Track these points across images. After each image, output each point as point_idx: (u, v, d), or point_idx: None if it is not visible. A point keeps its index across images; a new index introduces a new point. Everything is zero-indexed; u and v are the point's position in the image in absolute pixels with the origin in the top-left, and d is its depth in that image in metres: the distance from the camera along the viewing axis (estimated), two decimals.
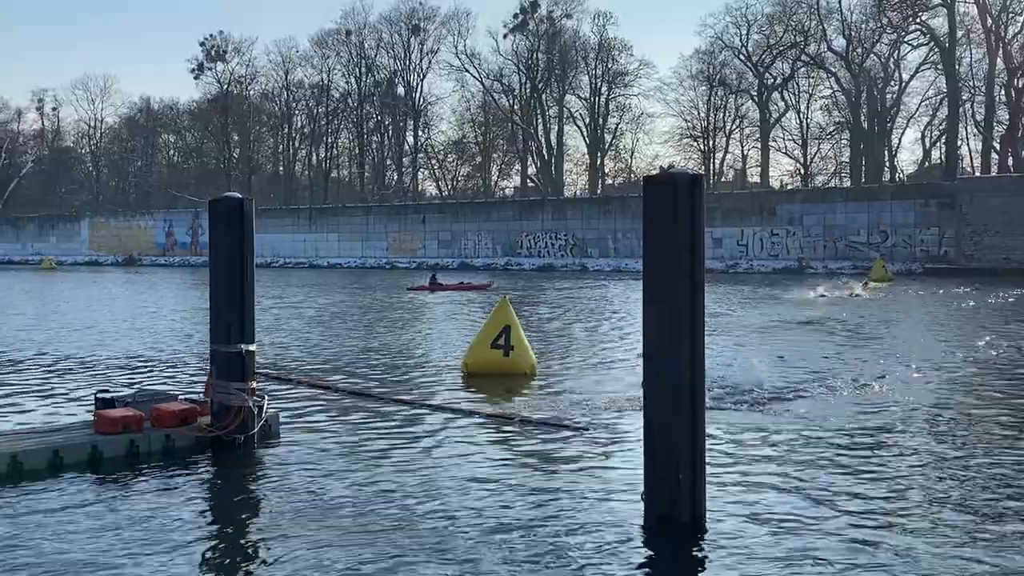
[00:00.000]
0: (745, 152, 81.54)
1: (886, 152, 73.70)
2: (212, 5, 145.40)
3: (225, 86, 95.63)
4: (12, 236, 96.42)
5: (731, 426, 10.04)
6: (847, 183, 70.87)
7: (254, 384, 9.45)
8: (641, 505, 6.76)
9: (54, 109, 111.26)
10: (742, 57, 77.83)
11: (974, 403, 11.58)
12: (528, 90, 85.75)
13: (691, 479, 6.55)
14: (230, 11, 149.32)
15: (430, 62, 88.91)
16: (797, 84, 76.92)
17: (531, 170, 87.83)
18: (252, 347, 9.48)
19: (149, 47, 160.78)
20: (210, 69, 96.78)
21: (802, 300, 29.99)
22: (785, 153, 79.44)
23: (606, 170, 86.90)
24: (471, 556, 6.17)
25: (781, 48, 75.90)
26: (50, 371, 15.14)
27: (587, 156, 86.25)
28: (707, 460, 6.77)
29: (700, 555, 6.29)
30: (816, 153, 77.98)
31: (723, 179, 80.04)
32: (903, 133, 75.81)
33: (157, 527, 6.83)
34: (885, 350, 16.52)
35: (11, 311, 28.77)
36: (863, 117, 73.11)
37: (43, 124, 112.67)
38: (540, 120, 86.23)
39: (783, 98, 77.78)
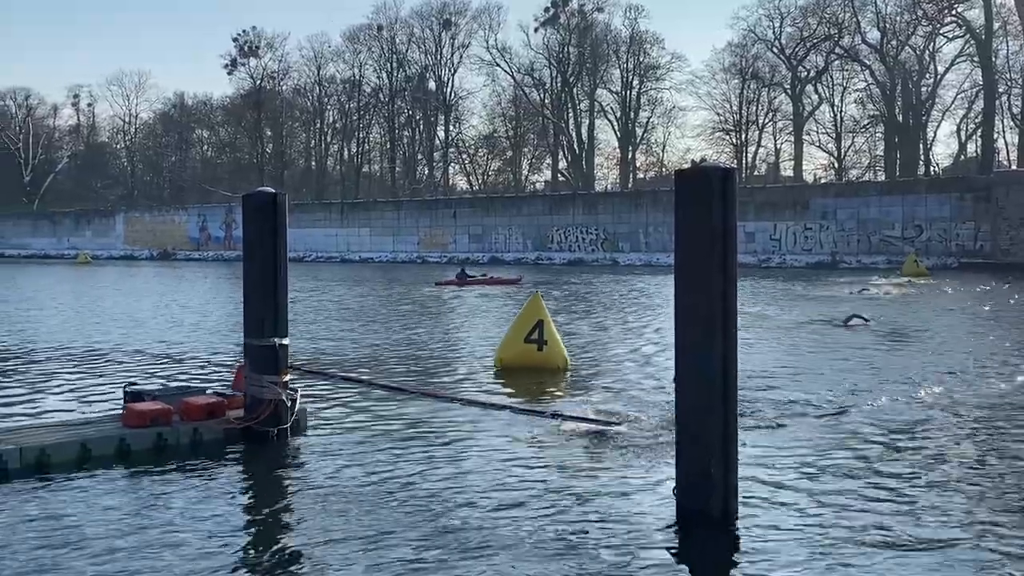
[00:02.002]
0: (778, 146, 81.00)
1: (921, 145, 72.90)
2: (245, 2, 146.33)
3: (258, 81, 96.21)
4: (49, 231, 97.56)
5: (764, 422, 9.99)
6: (881, 177, 70.18)
7: (287, 377, 9.52)
8: (673, 499, 6.74)
9: (89, 105, 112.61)
10: (775, 50, 77.24)
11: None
12: (559, 84, 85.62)
13: (723, 474, 6.53)
14: (263, 7, 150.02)
15: (461, 57, 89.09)
16: (831, 77, 76.26)
17: (562, 164, 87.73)
18: (285, 341, 9.54)
19: (183, 43, 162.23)
20: (243, 65, 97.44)
21: (837, 297, 29.72)
22: (819, 147, 78.85)
23: (637, 164, 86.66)
24: (502, 551, 6.18)
25: (815, 41, 75.24)
26: (81, 364, 15.31)
27: (618, 150, 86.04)
28: (739, 455, 6.74)
29: (731, 550, 6.26)
30: (850, 146, 77.32)
31: (756, 173, 79.45)
32: (938, 126, 75.03)
33: (186, 519, 6.89)
34: (930, 352, 16.16)
35: (46, 305, 29.13)
36: (898, 110, 72.37)
37: (79, 120, 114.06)
38: (571, 114, 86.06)
39: (817, 91, 77.12)
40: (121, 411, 9.48)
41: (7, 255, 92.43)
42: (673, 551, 6.29)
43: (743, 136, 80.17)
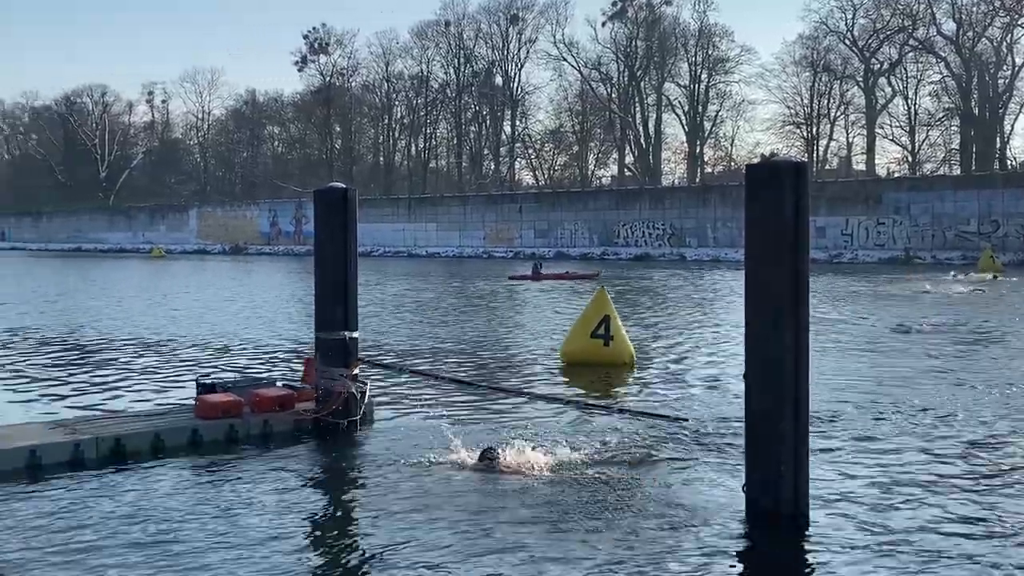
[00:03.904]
0: (850, 139, 79.63)
1: (997, 139, 71.04)
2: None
3: (327, 78, 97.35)
4: (124, 225, 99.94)
5: (837, 422, 9.84)
6: (956, 171, 68.55)
7: (356, 370, 9.63)
8: (742, 498, 6.68)
9: (163, 102, 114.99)
10: (847, 42, 75.90)
11: None
12: (626, 78, 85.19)
13: (794, 472, 6.44)
14: (333, 5, 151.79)
15: (528, 52, 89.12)
16: (905, 69, 74.64)
17: (628, 159, 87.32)
18: (355, 334, 9.65)
19: (254, 40, 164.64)
20: (313, 61, 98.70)
21: (911, 296, 29.13)
22: (892, 140, 77.27)
23: (705, 158, 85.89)
24: (568, 545, 6.18)
25: (888, 32, 73.76)
26: (154, 356, 15.65)
27: (686, 144, 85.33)
28: (811, 454, 6.65)
29: (802, 549, 6.19)
30: (924, 140, 75.60)
31: (827, 167, 78.22)
32: (1016, 119, 72.93)
33: (257, 509, 7.01)
34: (1009, 356, 15.65)
35: (122, 298, 29.83)
36: (974, 103, 70.63)
37: (153, 116, 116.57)
38: (638, 108, 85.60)
39: (890, 84, 75.61)
40: (193, 402, 9.68)
41: (85, 249, 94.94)
42: (742, 549, 6.23)
43: (814, 130, 78.93)
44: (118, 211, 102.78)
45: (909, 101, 75.06)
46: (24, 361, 15.18)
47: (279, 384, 10.49)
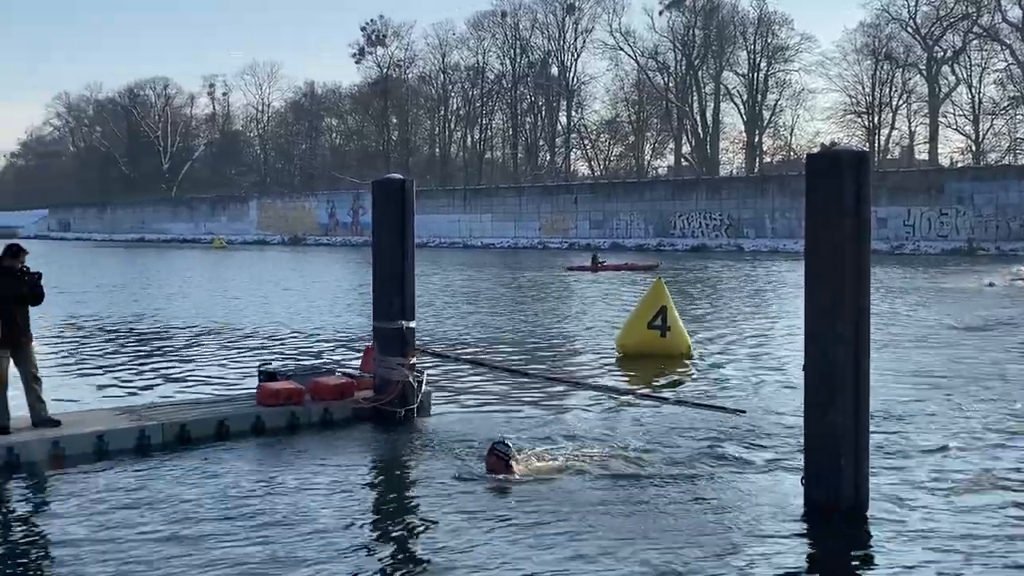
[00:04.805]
0: (912, 128, 78.12)
1: None
2: None
3: (385, 70, 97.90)
4: (187, 216, 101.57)
5: (897, 417, 9.73)
6: (1022, 161, 67.00)
7: (414, 359, 9.72)
8: (801, 490, 6.63)
9: (224, 94, 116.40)
10: (910, 29, 74.46)
11: None
12: (683, 67, 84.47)
13: (853, 465, 6.39)
14: None
15: (584, 41, 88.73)
16: (969, 57, 72.99)
17: (685, 149, 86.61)
18: (412, 324, 9.74)
19: (313, 33, 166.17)
20: (370, 53, 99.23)
21: (978, 287, 28.56)
22: (955, 129, 75.64)
23: (764, 148, 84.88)
24: (626, 537, 6.19)
25: (952, 19, 72.21)
26: (217, 344, 15.91)
27: (744, 134, 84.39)
28: (870, 447, 6.59)
29: (861, 542, 6.14)
30: (989, 129, 73.92)
31: (888, 156, 76.86)
32: None
33: (317, 494, 7.12)
34: None
35: (185, 287, 30.35)
36: None
37: (214, 109, 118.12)
38: (695, 98, 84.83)
39: (953, 72, 74.01)
40: (256, 390, 9.85)
41: (148, 240, 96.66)
42: (800, 541, 6.19)
43: (875, 119, 77.60)
44: (180, 202, 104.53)
45: (973, 89, 73.46)
46: (91, 349, 15.54)
47: (338, 373, 10.62)
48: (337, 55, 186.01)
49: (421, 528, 6.48)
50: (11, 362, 8.32)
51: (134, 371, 13.16)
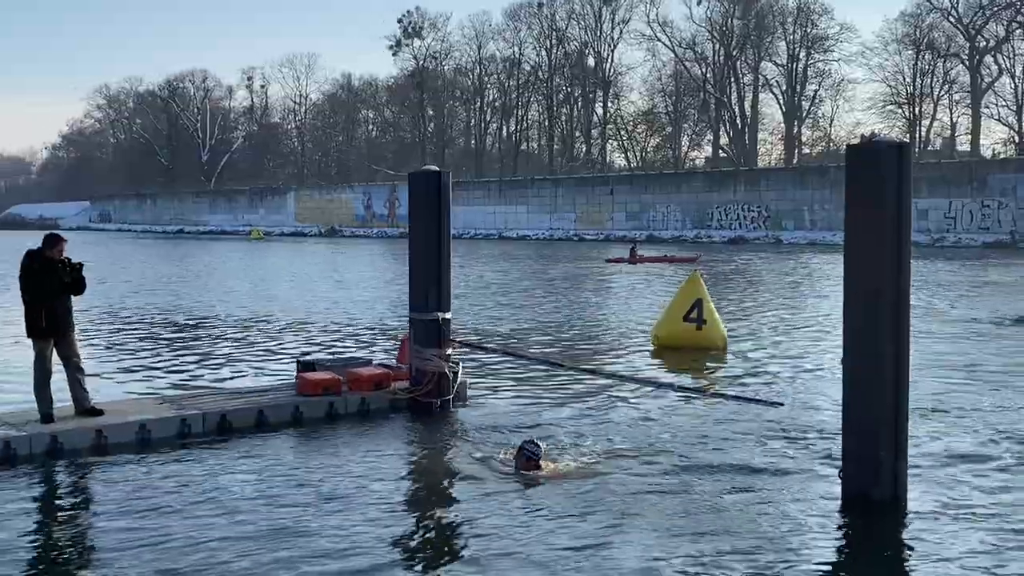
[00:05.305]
0: (954, 119, 77.10)
1: None
2: None
3: (421, 62, 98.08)
4: (225, 208, 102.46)
5: (938, 410, 9.63)
6: None
7: (449, 350, 9.76)
8: (839, 482, 6.60)
9: (262, 86, 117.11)
10: (952, 19, 73.42)
11: None
12: (721, 58, 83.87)
13: (892, 458, 6.34)
14: None
15: (621, 32, 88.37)
16: (1012, 47, 71.80)
17: (723, 140, 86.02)
18: (448, 315, 9.78)
19: (350, 25, 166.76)
20: (407, 45, 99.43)
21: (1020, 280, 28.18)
22: (998, 120, 74.54)
23: (803, 139, 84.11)
24: (664, 530, 6.18)
25: (995, 9, 71.06)
26: (255, 334, 16.06)
27: (783, 125, 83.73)
28: (909, 438, 6.54)
29: (900, 535, 6.10)
30: None
31: (930, 147, 75.90)
32: None
33: (356, 483, 7.17)
34: None
35: (225, 278, 30.64)
36: None
37: (252, 101, 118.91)
38: (733, 88, 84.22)
39: (996, 62, 72.85)
40: (294, 380, 9.94)
41: (187, 231, 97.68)
42: (838, 533, 6.16)
43: (916, 109, 76.64)
44: (219, 194, 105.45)
45: (1016, 79, 72.30)
46: (133, 339, 15.74)
47: (375, 363, 10.69)
48: (374, 47, 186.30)
49: (456, 518, 6.50)
50: (54, 352, 8.45)
51: (174, 361, 13.32)
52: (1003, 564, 5.59)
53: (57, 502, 7.01)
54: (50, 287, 8.35)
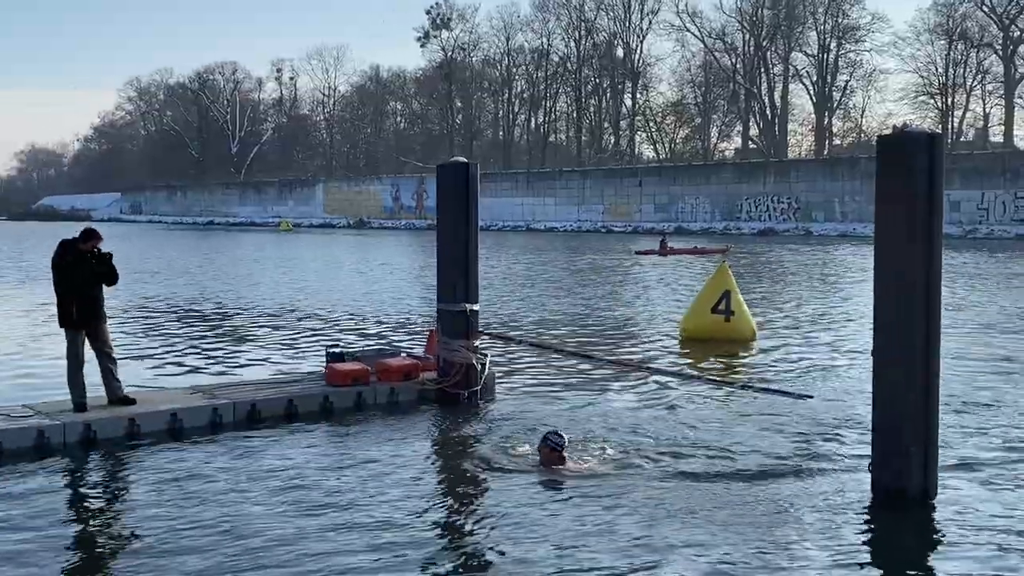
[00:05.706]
0: (987, 110, 76.24)
1: None
2: None
3: (449, 53, 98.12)
4: (254, 199, 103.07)
5: (969, 403, 9.55)
6: None
7: (477, 342, 9.78)
8: (868, 477, 6.56)
9: (291, 78, 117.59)
10: (985, 8, 72.55)
11: None
12: (751, 48, 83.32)
13: (922, 452, 6.30)
14: None
15: (650, 23, 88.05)
16: None
17: (753, 131, 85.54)
18: (476, 307, 9.80)
19: (379, 16, 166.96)
20: (435, 37, 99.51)
21: None
22: None
23: (833, 130, 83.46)
24: (692, 523, 6.18)
25: None
26: (285, 325, 16.16)
27: (813, 116, 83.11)
28: (939, 432, 6.49)
29: (929, 529, 6.06)
30: None
31: (962, 138, 75.08)
32: None
33: (385, 473, 7.21)
34: None
35: (254, 269, 30.84)
36: None
37: (281, 93, 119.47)
38: (763, 79, 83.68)
39: None
40: (323, 370, 10.00)
41: (217, 223, 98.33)
42: (867, 527, 6.13)
43: (949, 100, 75.84)
44: (248, 186, 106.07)
45: None
46: (164, 329, 15.88)
47: (403, 354, 10.74)
48: (402, 39, 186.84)
49: (483, 510, 6.53)
50: (86, 342, 8.55)
51: (205, 351, 13.43)
52: None
53: (92, 490, 7.10)
54: (82, 278, 8.45)
